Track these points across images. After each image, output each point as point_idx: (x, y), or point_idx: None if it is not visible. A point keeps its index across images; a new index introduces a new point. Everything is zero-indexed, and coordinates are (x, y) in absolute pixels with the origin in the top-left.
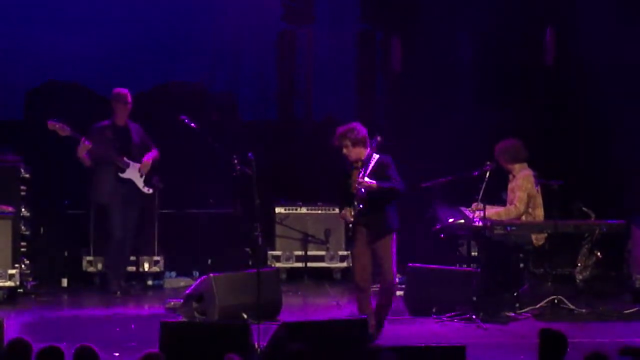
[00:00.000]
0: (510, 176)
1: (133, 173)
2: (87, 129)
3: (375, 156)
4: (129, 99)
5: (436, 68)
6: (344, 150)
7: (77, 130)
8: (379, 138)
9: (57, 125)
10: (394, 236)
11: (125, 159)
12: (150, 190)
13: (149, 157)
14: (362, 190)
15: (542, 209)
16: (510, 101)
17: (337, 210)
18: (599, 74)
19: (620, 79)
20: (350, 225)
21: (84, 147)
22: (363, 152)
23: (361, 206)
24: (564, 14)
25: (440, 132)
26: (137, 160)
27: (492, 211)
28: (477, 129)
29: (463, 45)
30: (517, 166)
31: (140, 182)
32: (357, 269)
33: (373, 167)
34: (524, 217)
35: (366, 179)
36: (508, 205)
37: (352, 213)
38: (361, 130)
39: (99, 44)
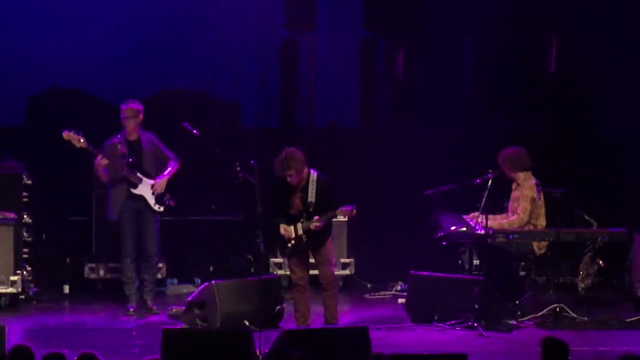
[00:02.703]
0: (514, 184)
1: (145, 189)
2: (100, 146)
3: (314, 175)
4: (139, 110)
5: (439, 75)
6: (289, 178)
7: (91, 142)
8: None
9: (72, 136)
10: (330, 240)
11: (138, 174)
12: (162, 208)
13: (163, 176)
14: (314, 229)
15: (545, 219)
16: (513, 109)
17: (340, 218)
18: (603, 82)
19: (623, 86)
20: (290, 243)
21: (100, 165)
22: (304, 173)
23: (306, 239)
24: (568, 22)
25: (443, 140)
26: (150, 175)
27: (495, 223)
28: (480, 136)
29: (466, 53)
30: (521, 175)
31: (151, 200)
32: (298, 273)
33: (316, 189)
34: (525, 227)
35: (316, 222)
36: (510, 214)
37: (294, 235)
38: (298, 153)
39: (102, 51)
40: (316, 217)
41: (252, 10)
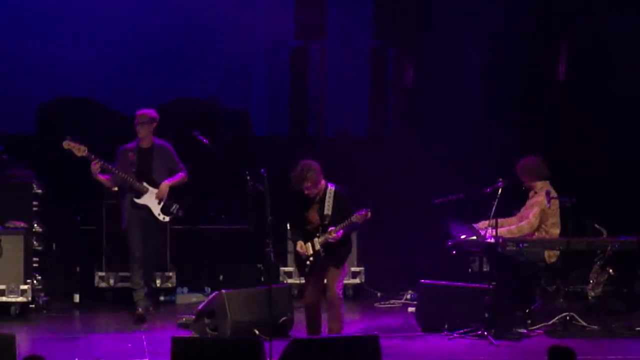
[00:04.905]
0: (531, 193)
1: (150, 199)
2: (105, 154)
3: (331, 189)
4: (153, 118)
5: (448, 84)
6: (306, 191)
7: (93, 151)
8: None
9: (74, 145)
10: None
11: (144, 184)
12: (167, 219)
13: (167, 182)
14: (331, 241)
15: (559, 228)
16: (521, 117)
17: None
18: (613, 90)
19: (634, 94)
20: (309, 260)
21: (95, 169)
22: (321, 185)
23: (324, 253)
24: (577, 28)
25: (452, 148)
26: (158, 185)
27: (504, 229)
28: (489, 144)
29: (474, 62)
30: (539, 184)
31: (156, 209)
32: (311, 292)
33: (333, 202)
34: (536, 233)
35: (333, 233)
36: (522, 220)
37: (309, 253)
38: (314, 165)
39: (111, 60)
40: (331, 228)
41: (261, 19)
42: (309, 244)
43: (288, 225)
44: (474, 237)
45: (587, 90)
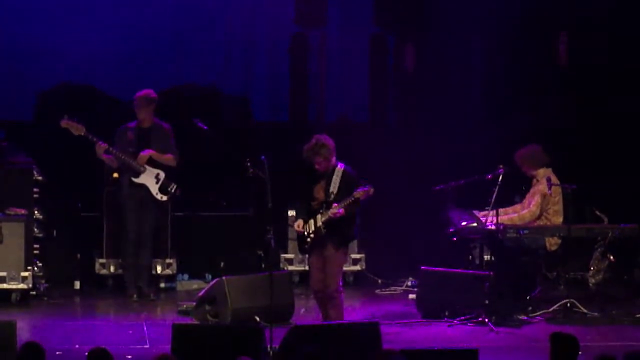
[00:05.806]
0: (534, 181)
1: (148, 179)
2: (102, 138)
3: (340, 168)
4: (151, 99)
5: (449, 71)
6: (316, 166)
7: (91, 131)
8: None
9: (71, 124)
10: (345, 252)
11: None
12: (165, 198)
13: (149, 151)
14: (332, 216)
15: (561, 217)
16: (522, 104)
17: None
18: (615, 76)
19: (634, 79)
20: (309, 237)
21: (100, 149)
22: (332, 163)
23: (325, 230)
24: (578, 16)
25: (453, 135)
26: (155, 164)
27: (506, 217)
28: (490, 131)
29: (475, 49)
30: (540, 171)
31: (154, 189)
32: (316, 278)
33: (340, 181)
34: (538, 222)
35: (335, 209)
36: (524, 208)
37: (310, 230)
38: (329, 141)
39: (111, 47)
40: (335, 205)
41: (262, 5)
42: (311, 221)
43: (293, 204)
44: (475, 224)
45: (589, 76)
